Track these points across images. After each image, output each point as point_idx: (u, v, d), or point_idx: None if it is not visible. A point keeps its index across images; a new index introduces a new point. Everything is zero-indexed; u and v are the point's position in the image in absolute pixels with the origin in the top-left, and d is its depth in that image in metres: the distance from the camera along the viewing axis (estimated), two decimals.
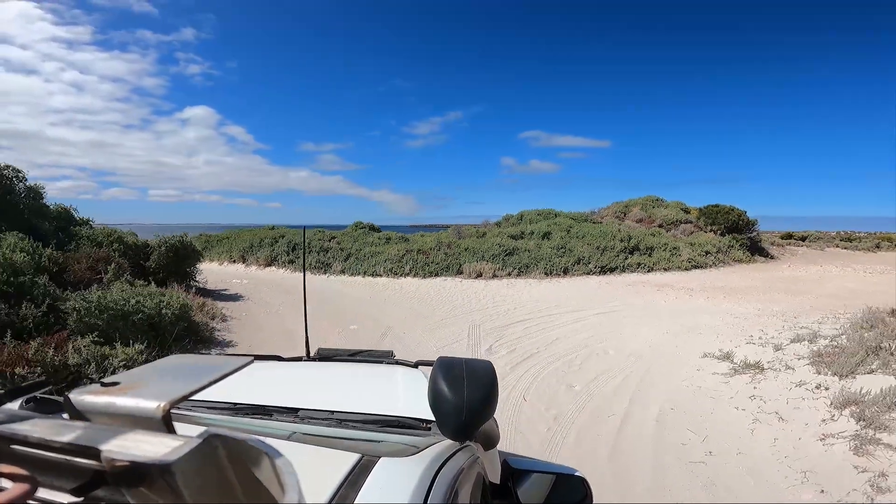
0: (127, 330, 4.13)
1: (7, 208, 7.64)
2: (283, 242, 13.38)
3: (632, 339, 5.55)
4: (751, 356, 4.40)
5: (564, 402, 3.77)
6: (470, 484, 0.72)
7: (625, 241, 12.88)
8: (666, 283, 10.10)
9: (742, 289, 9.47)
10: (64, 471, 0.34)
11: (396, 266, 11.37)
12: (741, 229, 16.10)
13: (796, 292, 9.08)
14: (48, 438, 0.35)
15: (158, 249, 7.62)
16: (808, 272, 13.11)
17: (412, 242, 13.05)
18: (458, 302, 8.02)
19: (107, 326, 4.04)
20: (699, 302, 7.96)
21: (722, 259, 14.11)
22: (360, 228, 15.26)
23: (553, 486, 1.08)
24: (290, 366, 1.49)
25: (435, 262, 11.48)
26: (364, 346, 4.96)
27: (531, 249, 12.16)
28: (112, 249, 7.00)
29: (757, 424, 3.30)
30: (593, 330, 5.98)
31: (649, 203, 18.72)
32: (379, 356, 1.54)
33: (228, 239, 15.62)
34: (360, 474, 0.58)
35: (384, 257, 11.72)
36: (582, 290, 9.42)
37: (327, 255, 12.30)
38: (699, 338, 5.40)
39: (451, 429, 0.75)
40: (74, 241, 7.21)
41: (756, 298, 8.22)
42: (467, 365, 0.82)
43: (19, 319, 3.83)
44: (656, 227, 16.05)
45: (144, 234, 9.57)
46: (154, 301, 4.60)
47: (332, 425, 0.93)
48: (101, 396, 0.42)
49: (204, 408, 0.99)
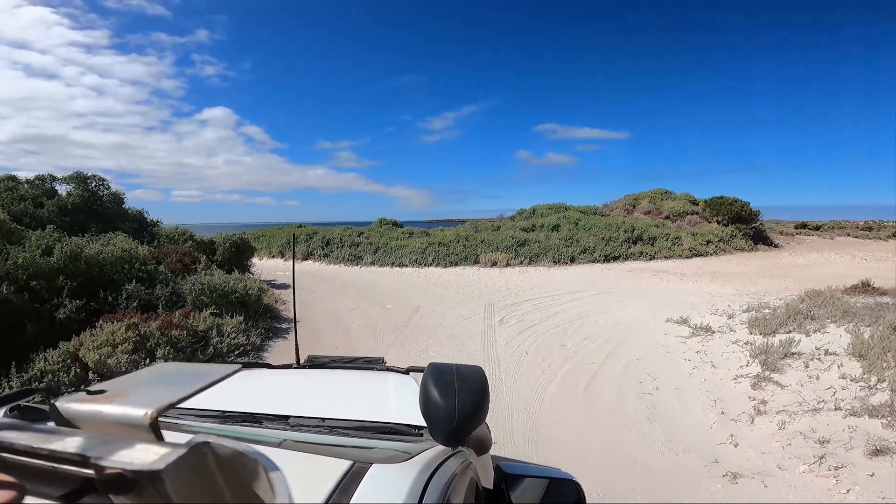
0: (228, 306, 5.51)
1: (97, 212, 9.19)
2: (317, 238, 14.84)
3: (619, 312, 6.73)
4: (709, 323, 5.56)
5: (557, 356, 5.01)
6: (463, 489, 0.72)
7: (628, 232, 13.95)
8: (662, 270, 11.19)
9: (732, 274, 10.49)
10: (52, 478, 0.34)
11: (420, 257, 12.69)
12: (745, 219, 16.92)
13: (782, 277, 10.06)
14: (35, 446, 0.35)
15: (223, 245, 9.08)
16: (805, 260, 13.94)
17: (433, 236, 14.38)
18: (475, 286, 9.31)
19: (214, 303, 5.43)
20: (687, 285, 9.05)
21: (723, 248, 15.02)
22: (385, 224, 16.66)
23: (546, 490, 1.08)
24: (279, 373, 1.50)
25: (454, 253, 12.77)
26: (400, 320, 6.38)
27: (541, 241, 13.35)
28: (188, 246, 8.46)
29: (695, 370, 4.48)
30: (589, 306, 7.18)
31: (658, 196, 19.61)
32: (370, 363, 1.57)
33: (265, 236, 17.19)
34: (352, 481, 0.58)
35: (409, 250, 13.05)
36: (585, 275, 10.59)
37: (358, 249, 13.71)
38: (675, 311, 6.54)
39: (442, 434, 0.76)
40: (157, 239, 8.70)
41: (740, 282, 9.26)
42: (458, 371, 0.83)
43: (154, 298, 5.23)
44: (662, 219, 17.00)
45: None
46: (241, 285, 5.99)
47: (323, 432, 0.93)
48: (88, 404, 0.42)
49: (193, 416, 0.99)
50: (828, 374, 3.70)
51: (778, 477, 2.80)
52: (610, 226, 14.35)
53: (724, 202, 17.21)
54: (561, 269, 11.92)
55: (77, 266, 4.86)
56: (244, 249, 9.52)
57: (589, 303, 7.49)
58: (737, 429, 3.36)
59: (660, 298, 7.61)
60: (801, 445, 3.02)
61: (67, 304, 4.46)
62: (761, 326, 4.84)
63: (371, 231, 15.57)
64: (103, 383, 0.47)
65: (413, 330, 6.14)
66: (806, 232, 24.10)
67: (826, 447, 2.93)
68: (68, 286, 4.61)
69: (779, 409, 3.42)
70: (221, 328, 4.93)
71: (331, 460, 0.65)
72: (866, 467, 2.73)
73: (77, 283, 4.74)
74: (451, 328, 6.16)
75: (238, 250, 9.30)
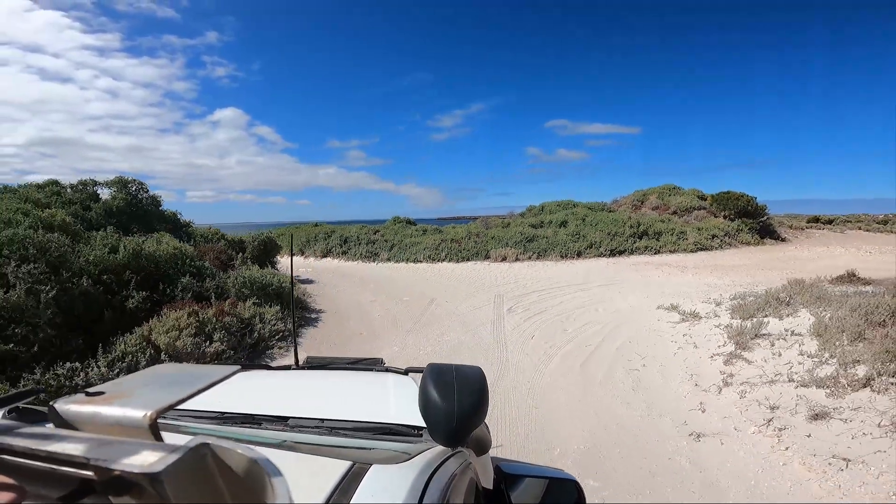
0: (265, 297, 6.24)
1: (138, 215, 10.02)
2: (335, 237, 15.60)
3: (619, 302, 7.32)
4: (698, 310, 6.12)
5: (558, 339, 5.63)
6: (462, 489, 0.73)
7: (634, 227, 14.44)
8: (665, 263, 11.71)
9: (732, 266, 10.97)
10: (51, 480, 0.34)
11: (434, 253, 13.37)
12: (751, 214, 17.26)
13: (780, 269, 10.50)
14: (34, 447, 0.35)
15: (252, 243, 9.85)
16: (809, 253, 14.28)
17: (445, 233, 15.05)
18: (486, 279, 9.96)
19: (254, 295, 6.16)
20: (687, 277, 9.58)
21: (729, 242, 15.42)
22: (399, 222, 17.39)
23: (546, 490, 1.08)
24: (278, 374, 1.51)
25: (466, 249, 13.42)
26: (416, 311, 7.10)
27: (549, 236, 13.94)
28: (222, 245, 9.24)
29: (679, 350, 5.07)
30: (591, 297, 7.78)
31: (665, 191, 19.99)
32: (368, 364, 1.57)
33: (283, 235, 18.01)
34: (352, 481, 0.59)
35: (423, 246, 13.73)
36: (590, 269, 11.16)
37: (374, 246, 14.44)
38: (670, 300, 7.10)
39: (442, 435, 0.76)
40: (192, 238, 9.50)
41: (738, 274, 9.75)
42: (458, 371, 0.83)
43: (204, 290, 5.98)
44: (668, 214, 17.42)
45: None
46: (276, 279, 6.72)
47: (322, 433, 0.94)
48: (87, 406, 0.42)
49: (192, 417, 1.00)
50: (789, 351, 4.27)
51: (733, 436, 3.38)
52: (616, 221, 14.85)
53: (731, 197, 17.56)
54: (568, 263, 12.50)
55: (139, 262, 5.62)
56: (271, 248, 10.29)
57: (592, 294, 8.08)
58: (706, 397, 3.96)
59: (658, 289, 8.16)
60: (755, 411, 3.60)
61: (135, 296, 5.21)
62: (741, 311, 5.40)
63: (386, 229, 16.30)
64: (102, 385, 0.48)
65: (429, 319, 6.81)
66: (817, 226, 24.19)
67: (775, 412, 3.51)
68: (134, 280, 5.37)
69: (742, 381, 4.01)
70: (263, 316, 5.65)
71: (331, 461, 0.66)
72: (805, 429, 3.28)
73: (140, 277, 5.50)
74: (463, 317, 6.81)
75: (266, 248, 10.07)
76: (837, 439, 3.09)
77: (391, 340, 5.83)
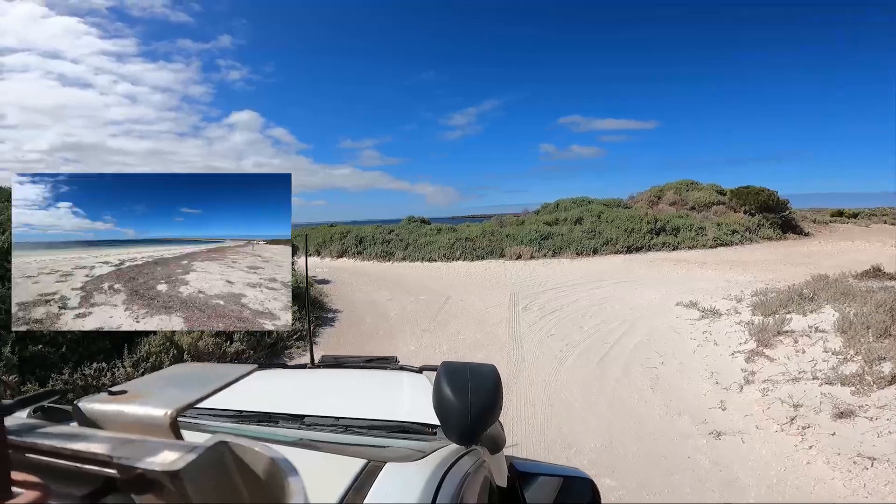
0: None
1: None
2: (351, 237, 15.74)
3: (636, 299, 7.24)
4: (717, 306, 6.02)
5: (576, 336, 5.60)
6: (476, 488, 0.73)
7: (651, 223, 14.24)
8: (683, 259, 11.52)
9: (753, 262, 10.74)
10: (75, 478, 0.35)
11: (448, 252, 13.39)
12: (772, 209, 16.86)
13: (803, 264, 10.23)
14: (59, 446, 0.36)
15: None
16: (833, 247, 13.90)
17: (460, 232, 15.05)
18: (501, 277, 9.94)
19: None
20: (707, 273, 9.41)
21: (749, 237, 15.10)
22: (413, 222, 17.47)
23: (561, 488, 1.08)
24: (294, 373, 1.52)
25: (481, 247, 13.41)
26: (432, 309, 7.14)
27: (564, 234, 13.84)
28: None
29: (699, 347, 4.99)
30: (608, 294, 7.71)
31: (683, 186, 19.64)
32: (383, 362, 1.57)
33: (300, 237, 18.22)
34: (367, 479, 0.59)
35: (437, 245, 13.76)
36: (606, 266, 11.05)
37: (389, 246, 14.52)
38: (688, 297, 6.99)
39: (456, 433, 0.76)
40: None
41: (759, 269, 9.55)
42: (471, 369, 0.83)
43: None
44: (686, 210, 17.13)
45: None
46: (293, 279, 6.81)
47: (337, 431, 0.96)
48: (110, 405, 0.43)
49: (210, 416, 1.03)
50: (813, 348, 4.17)
51: (754, 435, 3.33)
52: (632, 218, 14.66)
53: (751, 192, 17.18)
54: (583, 260, 12.40)
55: None
56: (291, 249, 10.45)
57: (608, 291, 8.00)
58: (727, 395, 3.89)
59: (676, 286, 8.04)
60: (778, 409, 3.54)
61: None
62: (763, 308, 5.29)
63: (401, 228, 16.37)
64: (124, 384, 0.49)
65: (444, 317, 6.83)
66: (841, 220, 23.55)
67: (798, 410, 3.44)
68: None
69: (764, 379, 3.93)
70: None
71: (346, 459, 0.67)
72: (829, 427, 3.22)
73: None
74: (479, 315, 6.82)
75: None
76: (863, 438, 3.02)
77: (407, 339, 5.88)
